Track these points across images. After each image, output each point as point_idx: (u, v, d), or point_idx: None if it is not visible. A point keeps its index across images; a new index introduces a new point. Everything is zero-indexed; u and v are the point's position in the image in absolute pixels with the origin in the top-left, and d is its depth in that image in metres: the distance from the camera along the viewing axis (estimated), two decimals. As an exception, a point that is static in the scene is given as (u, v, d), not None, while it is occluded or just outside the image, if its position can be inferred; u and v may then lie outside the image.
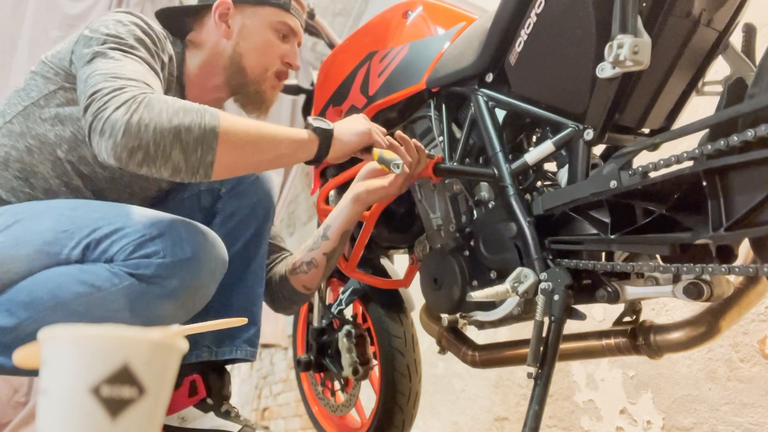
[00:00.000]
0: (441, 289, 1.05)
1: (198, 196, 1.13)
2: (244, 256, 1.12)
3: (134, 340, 0.36)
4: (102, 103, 0.79)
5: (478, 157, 1.05)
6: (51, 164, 0.97)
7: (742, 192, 0.64)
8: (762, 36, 0.98)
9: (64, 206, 0.90)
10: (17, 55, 2.58)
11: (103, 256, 0.84)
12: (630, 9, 0.74)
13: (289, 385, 4.25)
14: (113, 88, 0.80)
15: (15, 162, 0.96)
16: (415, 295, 1.31)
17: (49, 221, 0.87)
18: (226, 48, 1.11)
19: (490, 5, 1.01)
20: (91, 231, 0.85)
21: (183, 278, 0.85)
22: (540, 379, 0.80)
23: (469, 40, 1.03)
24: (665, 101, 0.90)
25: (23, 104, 0.98)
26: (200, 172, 0.81)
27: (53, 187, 0.98)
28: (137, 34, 0.94)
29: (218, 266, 0.90)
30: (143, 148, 0.77)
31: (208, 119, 0.80)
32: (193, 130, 0.79)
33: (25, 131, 0.97)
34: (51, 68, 0.98)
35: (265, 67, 1.13)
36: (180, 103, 0.81)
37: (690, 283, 0.75)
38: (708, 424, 1.34)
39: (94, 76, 0.84)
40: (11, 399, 2.36)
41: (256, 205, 1.14)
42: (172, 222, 0.87)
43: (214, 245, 0.90)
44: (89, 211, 0.89)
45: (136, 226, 0.85)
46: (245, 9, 1.12)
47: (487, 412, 2.06)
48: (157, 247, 0.84)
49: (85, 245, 0.85)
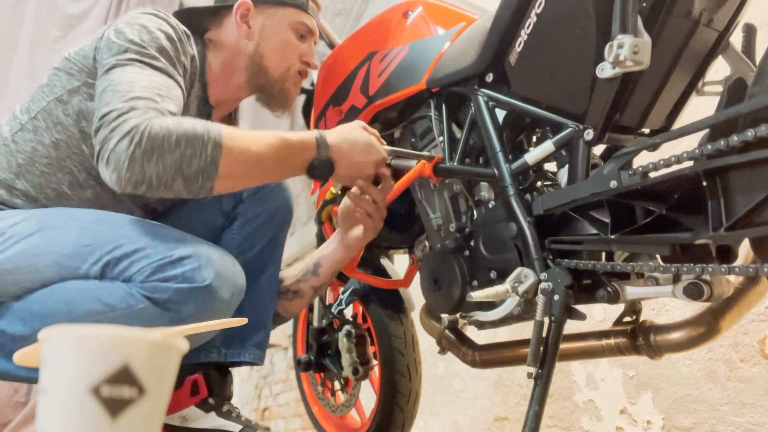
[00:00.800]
0: (441, 289, 1.05)
1: (219, 200, 1.14)
2: (259, 261, 1.13)
3: (134, 340, 0.36)
4: (108, 130, 0.81)
5: (478, 157, 1.04)
6: (78, 158, 0.98)
7: (742, 192, 0.64)
8: (762, 36, 0.98)
9: (87, 219, 0.91)
10: (17, 55, 2.58)
11: (122, 275, 0.85)
12: (630, 9, 0.74)
13: (289, 385, 4.25)
14: (121, 112, 0.82)
15: (42, 157, 0.97)
16: (415, 295, 1.31)
17: (72, 234, 0.87)
18: (247, 48, 1.13)
19: (490, 5, 1.01)
20: (112, 248, 0.86)
21: (198, 306, 0.85)
22: (540, 379, 0.80)
23: (469, 40, 1.03)
24: (665, 101, 0.90)
25: (47, 99, 0.99)
26: (201, 194, 0.85)
27: (81, 181, 0.99)
28: (160, 42, 0.95)
29: (235, 295, 0.91)
30: (146, 182, 0.80)
31: (210, 150, 0.82)
32: (194, 163, 0.81)
33: (50, 126, 0.98)
34: (74, 65, 0.99)
35: (286, 67, 1.16)
36: (183, 128, 0.82)
37: (690, 283, 0.75)
38: (708, 424, 1.34)
39: (108, 92, 0.86)
40: (11, 399, 2.36)
41: (276, 211, 1.16)
42: (194, 246, 0.88)
43: (233, 272, 0.91)
44: (112, 227, 0.90)
45: (158, 247, 0.86)
46: (265, 10, 1.14)
47: (487, 412, 2.06)
48: (176, 271, 0.84)
49: (105, 263, 0.85)
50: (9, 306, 0.85)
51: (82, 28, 2.66)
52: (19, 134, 0.99)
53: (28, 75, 2.54)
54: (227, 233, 1.14)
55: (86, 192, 0.99)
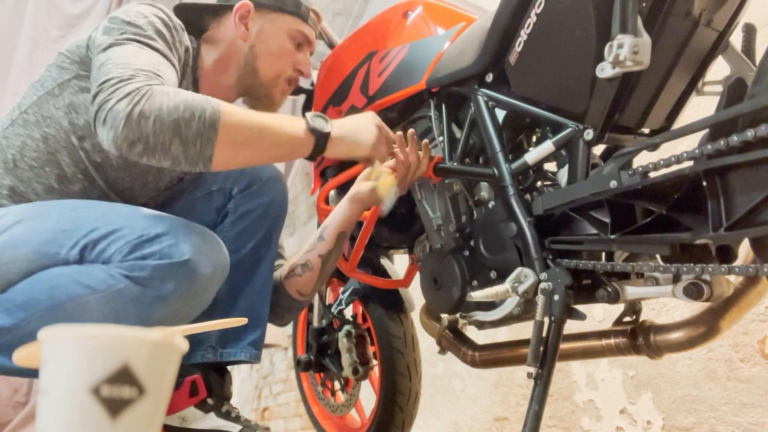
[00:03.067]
0: (441, 289, 1.05)
1: (210, 196, 1.13)
2: (253, 257, 1.12)
3: (134, 340, 0.36)
4: (108, 93, 0.80)
5: (478, 157, 1.05)
6: (67, 152, 0.98)
7: (742, 192, 0.64)
8: (762, 36, 0.98)
9: (65, 206, 0.91)
10: (17, 55, 2.58)
11: (101, 257, 0.84)
12: (630, 9, 0.74)
13: (289, 385, 4.25)
14: (121, 78, 0.81)
15: (31, 151, 0.97)
16: (415, 295, 1.31)
17: (50, 222, 0.87)
18: (242, 48, 1.13)
19: (490, 5, 1.01)
20: (88, 231, 0.85)
21: (179, 281, 0.84)
22: (540, 379, 0.80)
23: (469, 40, 1.03)
24: (665, 101, 0.90)
25: (38, 94, 1.00)
26: (199, 164, 0.83)
27: (68, 175, 0.98)
28: (157, 26, 0.95)
29: (217, 271, 0.89)
30: (143, 141, 0.79)
31: (209, 114, 0.81)
32: (193, 125, 0.80)
33: (39, 120, 0.98)
34: (67, 57, 0.99)
35: (277, 73, 1.15)
36: (182, 96, 0.81)
37: (690, 283, 0.75)
38: (708, 424, 1.34)
39: (107, 64, 0.85)
40: (11, 399, 2.36)
41: (269, 206, 1.14)
42: (171, 223, 0.87)
43: (213, 248, 0.90)
44: (89, 212, 0.89)
45: (134, 227, 0.85)
46: (266, 14, 1.14)
47: (487, 412, 2.06)
48: (154, 248, 0.83)
49: (82, 246, 0.85)
50: None
51: (82, 28, 2.66)
52: (10, 129, 0.99)
53: (27, 75, 2.54)
54: (220, 230, 1.11)
55: (74, 186, 0.99)
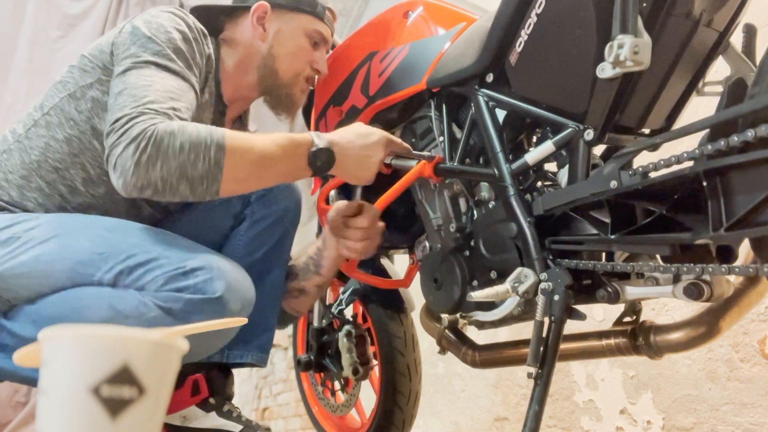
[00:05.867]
0: (441, 289, 1.05)
1: (229, 202, 1.15)
2: (265, 262, 1.14)
3: (134, 340, 0.36)
4: (117, 136, 0.83)
5: (479, 157, 1.04)
6: (90, 153, 0.99)
7: (742, 192, 0.64)
8: (762, 36, 0.98)
9: (102, 226, 0.92)
10: (17, 55, 2.58)
11: (136, 283, 0.86)
12: (630, 9, 0.73)
13: (289, 385, 4.25)
14: (131, 117, 0.83)
15: (55, 152, 0.98)
16: (415, 295, 1.31)
17: (86, 241, 0.88)
18: (260, 49, 1.14)
19: (490, 5, 1.01)
20: (126, 257, 0.87)
21: (208, 317, 0.85)
22: (540, 379, 0.80)
23: (469, 40, 1.02)
24: (665, 101, 0.90)
25: (60, 96, 1.00)
26: (207, 197, 0.86)
27: (93, 177, 0.99)
28: (176, 44, 0.96)
29: (245, 308, 0.91)
30: (152, 186, 0.82)
31: (213, 152, 0.83)
32: (198, 165, 0.83)
33: (63, 122, 0.99)
34: (90, 61, 1.00)
35: (296, 72, 1.17)
36: (188, 133, 0.83)
37: (690, 283, 0.75)
38: (708, 424, 1.34)
39: (123, 95, 0.87)
40: (11, 399, 2.36)
41: (284, 212, 1.17)
42: (207, 257, 0.89)
43: (244, 286, 0.92)
44: (126, 236, 0.91)
45: (172, 258, 0.87)
46: (282, 14, 1.15)
47: (487, 412, 2.06)
48: (189, 282, 0.85)
49: (119, 271, 0.86)
50: (21, 309, 0.86)
51: (82, 28, 2.66)
52: (32, 130, 1.00)
53: (27, 75, 2.54)
54: (235, 234, 1.15)
55: (99, 188, 1.00)
